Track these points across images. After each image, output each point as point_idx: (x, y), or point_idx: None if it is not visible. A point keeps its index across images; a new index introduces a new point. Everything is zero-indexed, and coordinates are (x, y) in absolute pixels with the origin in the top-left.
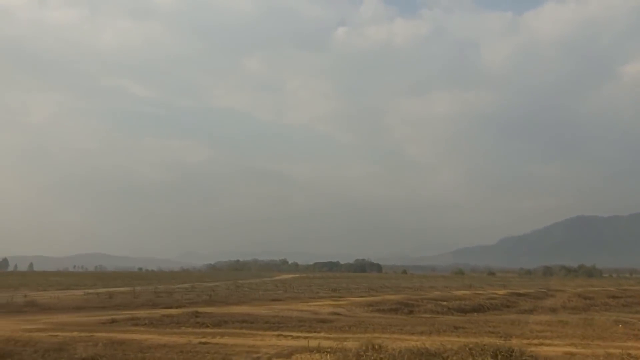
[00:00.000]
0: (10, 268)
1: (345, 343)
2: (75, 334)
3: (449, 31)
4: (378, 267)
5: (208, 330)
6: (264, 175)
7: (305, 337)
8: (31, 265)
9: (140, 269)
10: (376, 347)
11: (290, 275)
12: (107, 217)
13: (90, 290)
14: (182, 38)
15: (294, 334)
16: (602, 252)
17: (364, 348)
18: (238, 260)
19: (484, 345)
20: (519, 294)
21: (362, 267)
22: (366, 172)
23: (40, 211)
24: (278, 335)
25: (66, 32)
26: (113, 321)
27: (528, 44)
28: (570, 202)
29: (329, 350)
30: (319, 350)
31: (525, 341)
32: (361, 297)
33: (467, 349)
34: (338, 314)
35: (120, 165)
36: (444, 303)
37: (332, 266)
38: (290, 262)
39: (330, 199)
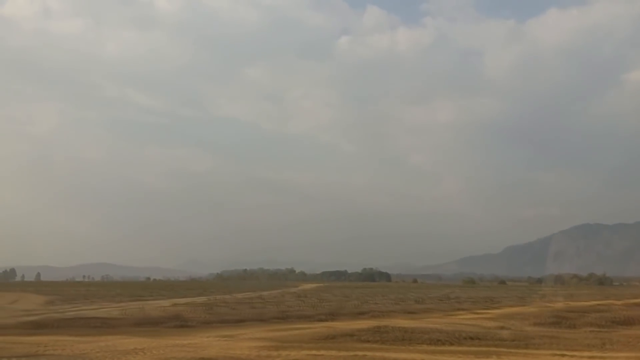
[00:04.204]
0: (18, 278)
1: None
2: (342, 353)
3: (452, 39)
4: (387, 277)
5: (455, 348)
6: (267, 184)
7: (599, 357)
8: (38, 275)
9: (148, 278)
10: None
11: (312, 285)
12: (111, 226)
13: (176, 301)
14: (186, 48)
15: (548, 352)
16: (607, 260)
17: None
18: (245, 270)
19: None
20: (637, 304)
21: (371, 276)
22: (369, 180)
23: (45, 221)
24: (553, 355)
25: (71, 42)
26: (333, 337)
27: (531, 51)
28: (575, 210)
29: None
30: None
31: None
32: (486, 310)
33: None
34: (505, 327)
35: (124, 174)
36: (593, 315)
37: (340, 275)
38: (297, 271)
39: (332, 207)
